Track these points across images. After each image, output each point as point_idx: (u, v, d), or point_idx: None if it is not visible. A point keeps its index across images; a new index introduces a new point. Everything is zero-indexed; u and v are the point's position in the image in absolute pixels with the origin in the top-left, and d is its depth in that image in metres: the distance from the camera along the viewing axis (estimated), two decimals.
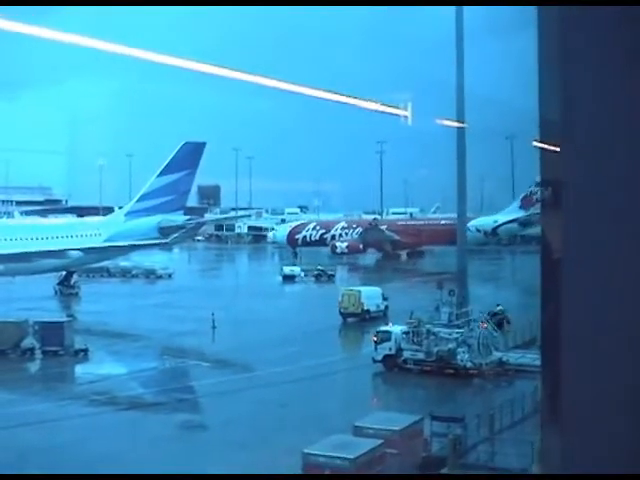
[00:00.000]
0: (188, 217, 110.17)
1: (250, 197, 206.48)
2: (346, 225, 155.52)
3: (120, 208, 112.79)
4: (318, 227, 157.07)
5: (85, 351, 64.57)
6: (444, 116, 60.86)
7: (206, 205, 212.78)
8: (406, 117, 22.34)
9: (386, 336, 59.26)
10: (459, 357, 57.05)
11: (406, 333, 58.96)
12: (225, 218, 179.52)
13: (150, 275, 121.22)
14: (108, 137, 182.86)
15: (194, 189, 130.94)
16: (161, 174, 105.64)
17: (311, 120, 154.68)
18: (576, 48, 3.93)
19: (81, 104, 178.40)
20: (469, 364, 56.73)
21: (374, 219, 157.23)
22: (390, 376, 58.24)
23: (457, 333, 58.54)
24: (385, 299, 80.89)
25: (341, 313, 78.57)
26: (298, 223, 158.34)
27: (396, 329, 59.89)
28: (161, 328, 76.32)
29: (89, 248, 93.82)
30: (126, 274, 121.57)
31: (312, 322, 76.30)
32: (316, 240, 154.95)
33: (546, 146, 4.46)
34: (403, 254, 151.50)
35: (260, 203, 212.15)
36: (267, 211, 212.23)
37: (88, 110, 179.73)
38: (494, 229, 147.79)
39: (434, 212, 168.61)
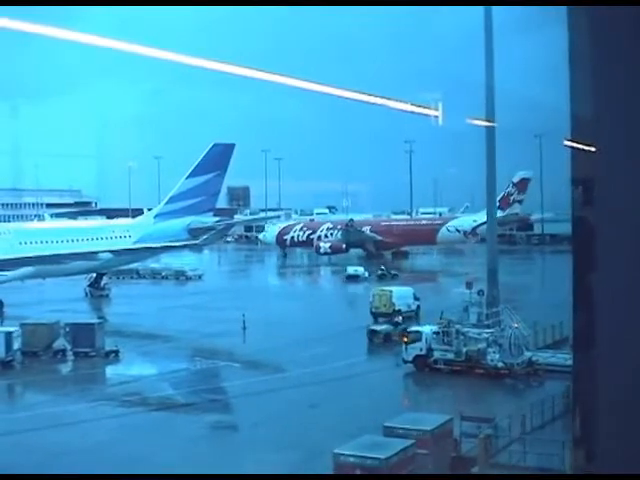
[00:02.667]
0: (218, 218, 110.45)
1: (279, 198, 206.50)
2: (331, 226, 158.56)
3: (149, 210, 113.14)
4: (305, 228, 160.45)
5: (116, 352, 64.87)
6: (474, 115, 60.58)
7: (236, 206, 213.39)
8: (436, 117, 22.27)
9: (417, 336, 59.15)
10: (489, 357, 56.84)
11: (436, 333, 58.86)
12: (254, 219, 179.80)
13: (180, 276, 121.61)
14: (137, 140, 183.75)
15: (224, 190, 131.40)
16: (190, 176, 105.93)
17: (340, 121, 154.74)
18: (607, 47, 3.90)
19: (110, 108, 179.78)
20: (500, 364, 56.48)
21: (350, 220, 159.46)
22: (421, 376, 58.08)
23: (487, 333, 58.33)
24: (417, 299, 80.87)
25: (372, 313, 78.46)
26: (286, 224, 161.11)
27: (426, 329, 59.77)
28: (192, 329, 76.56)
29: (119, 250, 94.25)
30: (156, 276, 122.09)
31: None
32: (303, 241, 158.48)
33: (577, 145, 4.43)
34: (387, 254, 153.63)
35: (289, 204, 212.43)
36: (296, 212, 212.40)
37: (117, 113, 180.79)
38: (473, 228, 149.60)
39: (463, 212, 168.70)
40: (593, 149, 4.12)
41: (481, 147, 66.52)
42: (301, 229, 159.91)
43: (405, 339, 59.60)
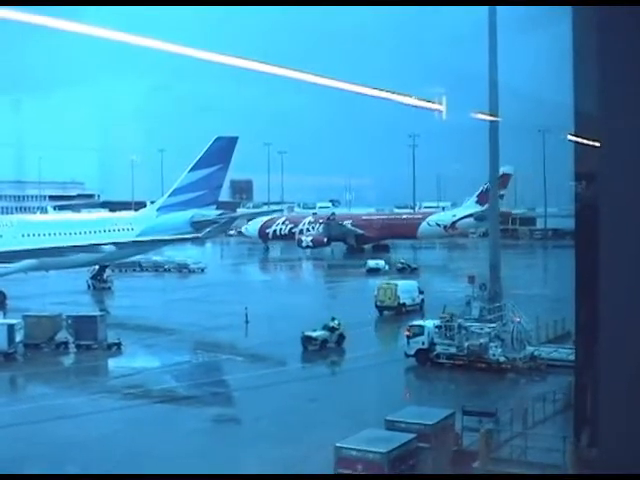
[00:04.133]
0: (220, 212, 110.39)
1: (282, 191, 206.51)
2: (313, 220, 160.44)
3: (152, 203, 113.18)
4: (287, 222, 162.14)
5: (118, 345, 64.92)
6: (477, 110, 60.52)
7: (239, 200, 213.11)
8: (440, 111, 22.24)
9: (419, 330, 59.16)
10: (491, 351, 56.80)
11: (438, 327, 58.82)
12: (257, 213, 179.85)
13: (182, 269, 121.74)
14: (140, 133, 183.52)
15: (226, 184, 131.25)
16: (193, 169, 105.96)
17: (344, 114, 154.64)
18: (612, 45, 3.90)
19: (114, 101, 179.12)
20: (502, 358, 56.45)
21: (332, 214, 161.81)
22: (423, 370, 58.09)
23: (489, 328, 58.32)
24: (421, 292, 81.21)
25: (377, 307, 78.93)
26: (268, 218, 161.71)
27: (429, 324, 59.76)
28: (194, 322, 76.61)
29: (122, 242, 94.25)
30: (158, 268, 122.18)
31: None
32: (285, 234, 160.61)
33: (581, 140, 4.44)
34: (368, 247, 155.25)
35: (292, 197, 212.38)
36: (299, 205, 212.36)
37: (121, 106, 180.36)
38: (453, 223, 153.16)
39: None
40: (596, 144, 4.13)
41: (484, 142, 66.55)
42: (283, 223, 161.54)
43: (408, 333, 59.59)
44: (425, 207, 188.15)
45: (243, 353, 64.15)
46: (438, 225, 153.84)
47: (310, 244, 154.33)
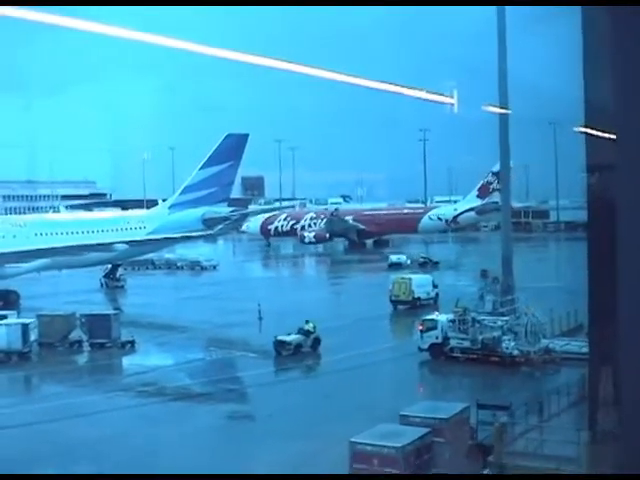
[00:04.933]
0: (232, 209, 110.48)
1: (293, 188, 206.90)
2: (315, 216, 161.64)
3: (164, 201, 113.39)
4: (289, 218, 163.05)
5: (132, 343, 65.08)
6: (488, 103, 60.38)
7: (250, 196, 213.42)
8: (451, 104, 22.22)
9: (432, 324, 59.13)
10: (504, 345, 56.72)
11: (452, 321, 58.78)
12: (269, 209, 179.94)
13: (195, 267, 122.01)
14: (151, 131, 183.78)
15: (238, 180, 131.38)
16: (204, 166, 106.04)
17: (354, 109, 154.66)
18: (624, 38, 3.90)
19: (125, 100, 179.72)
20: (515, 352, 56.37)
21: (335, 209, 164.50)
22: (437, 364, 58.06)
23: (502, 321, 58.23)
24: (435, 287, 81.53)
25: (392, 301, 79.34)
26: (270, 215, 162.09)
27: (442, 317, 59.74)
28: (207, 320, 76.73)
29: (134, 241, 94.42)
30: (171, 266, 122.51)
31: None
32: (287, 231, 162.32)
33: (592, 132, 4.43)
34: (369, 242, 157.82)
35: (304, 194, 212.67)
36: (311, 201, 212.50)
37: (132, 105, 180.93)
38: (455, 217, 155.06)
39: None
40: (608, 136, 4.13)
41: (495, 134, 66.41)
42: (285, 219, 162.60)
43: (421, 327, 59.60)
44: (437, 201, 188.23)
45: (257, 350, 64.12)
46: (440, 219, 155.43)
47: (312, 240, 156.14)
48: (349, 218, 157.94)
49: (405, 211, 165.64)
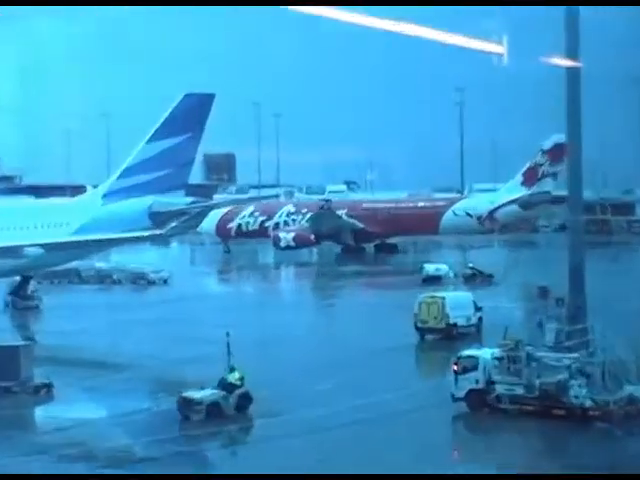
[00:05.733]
0: (191, 199, 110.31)
1: (277, 170, 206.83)
2: (294, 210, 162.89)
3: (95, 187, 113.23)
4: (257, 213, 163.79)
5: (48, 387, 64.86)
6: (550, 54, 60.43)
7: (216, 182, 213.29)
8: (499, 55, 22.22)
9: (471, 363, 58.93)
10: (573, 392, 56.57)
11: (499, 359, 58.57)
12: (242, 200, 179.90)
13: (138, 280, 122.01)
14: (77, 91, 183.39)
15: (199, 159, 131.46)
16: (152, 139, 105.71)
17: (361, 60, 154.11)
18: None
19: (43, 45, 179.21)
20: (588, 402, 56.23)
21: (327, 201, 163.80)
22: (477, 420, 57.94)
23: (569, 359, 58.08)
24: (478, 309, 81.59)
25: (417, 328, 79.11)
26: (230, 208, 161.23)
27: (485, 354, 59.53)
28: (155, 354, 76.72)
29: (52, 243, 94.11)
30: (104, 279, 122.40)
31: None
32: (255, 230, 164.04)
33: None
34: (370, 247, 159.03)
35: (291, 179, 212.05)
36: (301, 190, 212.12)
37: (52, 55, 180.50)
38: (491, 212, 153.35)
39: None
40: None
41: (560, 98, 66.48)
42: (251, 214, 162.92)
43: (455, 367, 59.42)
44: (477, 190, 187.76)
45: None
46: (469, 215, 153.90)
47: (291, 243, 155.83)
48: (342, 212, 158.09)
49: (420, 204, 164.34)
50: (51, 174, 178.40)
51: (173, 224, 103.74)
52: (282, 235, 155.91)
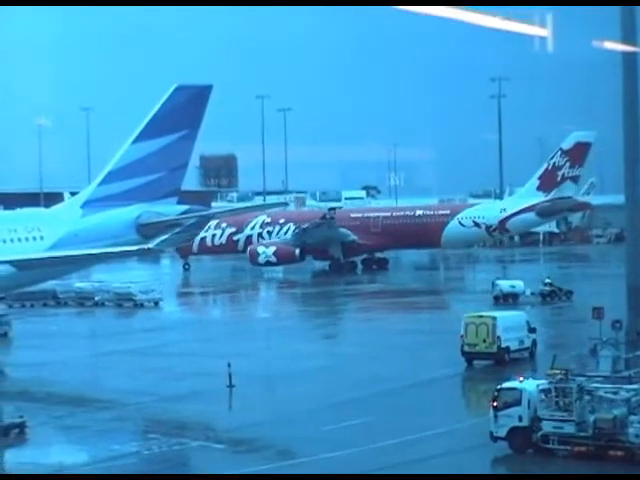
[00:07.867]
0: (185, 208, 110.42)
1: (285, 174, 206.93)
2: (269, 220, 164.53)
3: (74, 195, 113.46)
4: (226, 224, 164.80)
5: (21, 427, 65.03)
6: (603, 37, 60.61)
7: (214, 188, 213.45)
8: (543, 38, 22.35)
9: (513, 397, 58.86)
10: (632, 430, 56.53)
11: (546, 392, 58.54)
12: (245, 208, 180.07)
13: (124, 302, 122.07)
14: (54, 81, 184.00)
15: (195, 162, 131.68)
16: (140, 139, 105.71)
17: (382, 47, 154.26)
18: None
19: (15, 32, 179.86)
20: None
21: (330, 209, 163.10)
22: (520, 463, 57.92)
23: (628, 391, 58.04)
24: (532, 330, 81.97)
25: (464, 353, 79.70)
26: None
27: (530, 386, 59.41)
28: (144, 389, 76.84)
29: (24, 260, 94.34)
30: (85, 301, 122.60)
31: None
32: (222, 244, 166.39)
33: None
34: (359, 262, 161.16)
35: (302, 184, 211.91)
36: (314, 196, 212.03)
37: (23, 41, 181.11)
38: (502, 221, 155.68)
39: (587, 192, 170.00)
40: None
41: (616, 86, 66.64)
42: (217, 226, 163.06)
43: (495, 402, 59.34)
44: (518, 196, 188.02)
45: (223, 438, 64.20)
46: (477, 225, 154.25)
47: (272, 259, 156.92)
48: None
49: (418, 212, 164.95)
50: (21, 180, 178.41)
51: (164, 237, 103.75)
52: (261, 250, 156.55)
